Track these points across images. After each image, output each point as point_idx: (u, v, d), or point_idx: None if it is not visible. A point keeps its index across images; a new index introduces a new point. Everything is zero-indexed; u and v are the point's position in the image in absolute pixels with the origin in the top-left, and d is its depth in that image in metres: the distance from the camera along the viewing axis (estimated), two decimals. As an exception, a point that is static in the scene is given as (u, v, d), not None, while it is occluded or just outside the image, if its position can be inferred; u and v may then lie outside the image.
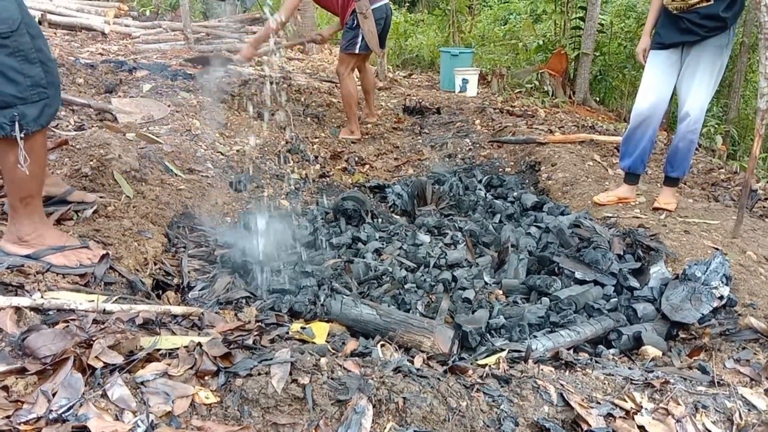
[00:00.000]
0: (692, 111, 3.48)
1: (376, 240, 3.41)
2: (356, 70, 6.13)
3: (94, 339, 1.66)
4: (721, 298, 2.50)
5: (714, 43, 3.34)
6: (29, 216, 2.16)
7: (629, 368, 2.11)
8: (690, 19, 3.33)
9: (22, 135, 1.95)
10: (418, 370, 1.79)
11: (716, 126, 7.80)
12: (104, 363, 1.57)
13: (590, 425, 1.68)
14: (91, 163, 3.13)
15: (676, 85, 3.57)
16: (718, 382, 1.99)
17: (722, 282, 2.54)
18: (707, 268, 2.59)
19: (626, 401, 1.80)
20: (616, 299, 2.73)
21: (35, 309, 1.82)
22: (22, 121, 1.94)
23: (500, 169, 5.28)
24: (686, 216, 3.57)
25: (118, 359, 1.60)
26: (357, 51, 5.58)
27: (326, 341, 2.11)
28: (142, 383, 1.53)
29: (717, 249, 3.03)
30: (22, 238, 2.16)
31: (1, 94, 1.90)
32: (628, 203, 3.87)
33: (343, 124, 6.08)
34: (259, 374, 1.60)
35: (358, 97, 6.01)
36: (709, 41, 3.34)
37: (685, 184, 4.70)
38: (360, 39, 5.52)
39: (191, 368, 1.60)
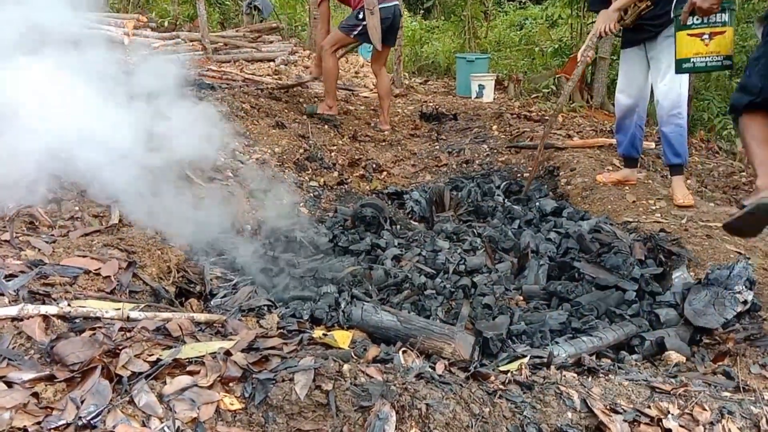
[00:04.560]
0: (663, 98, 3.80)
1: (395, 246, 3.41)
2: (373, 73, 6.54)
3: (120, 347, 1.69)
4: (744, 302, 2.48)
5: (665, 34, 3.67)
6: None
7: (653, 374, 2.09)
8: (640, 23, 3.79)
9: None
10: (440, 376, 1.79)
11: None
12: (131, 371, 1.60)
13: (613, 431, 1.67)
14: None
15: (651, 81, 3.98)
16: (743, 388, 1.97)
17: (746, 286, 2.51)
18: (730, 273, 2.56)
19: (650, 407, 1.78)
20: (638, 305, 2.71)
21: (62, 317, 1.85)
22: None
23: (518, 175, 5.26)
24: (708, 220, 3.53)
25: (144, 367, 1.63)
26: (351, 35, 5.83)
27: (348, 348, 2.12)
28: (168, 390, 1.55)
29: (740, 253, 3.00)
30: None
31: None
32: (628, 184, 4.25)
33: (319, 102, 6.25)
34: (283, 381, 1.61)
35: (338, 75, 6.24)
36: (661, 34, 3.71)
37: (705, 187, 4.66)
38: (360, 28, 5.73)
39: (216, 375, 1.62)
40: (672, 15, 3.47)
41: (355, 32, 5.79)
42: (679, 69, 3.38)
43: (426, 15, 15.62)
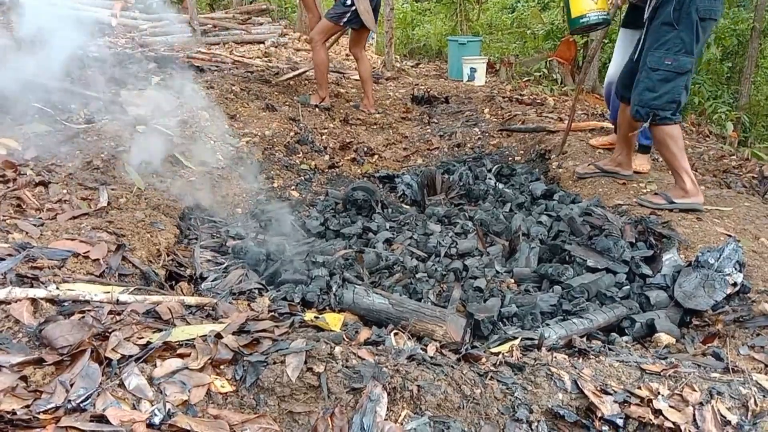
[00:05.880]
0: None
1: (387, 230, 3.41)
2: (353, 58, 6.42)
3: (110, 330, 1.67)
4: (734, 284, 2.49)
5: (663, 20, 3.57)
6: None
7: (643, 355, 2.10)
8: (642, 8, 3.71)
9: None
10: (431, 358, 1.79)
11: (727, 113, 7.72)
12: (121, 354, 1.59)
13: (604, 412, 1.68)
14: (102, 155, 3.15)
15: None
16: (732, 369, 1.98)
17: (735, 269, 2.52)
18: (720, 255, 2.57)
19: (640, 388, 1.79)
20: (628, 287, 2.72)
21: (51, 300, 1.83)
22: None
23: (510, 158, 5.26)
24: (698, 203, 3.54)
25: (134, 349, 1.62)
26: (341, 23, 5.72)
27: (340, 330, 2.12)
28: (158, 373, 1.54)
29: (730, 236, 3.01)
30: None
31: None
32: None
33: (313, 93, 6.16)
34: (275, 363, 1.61)
35: (328, 66, 6.15)
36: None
37: (696, 171, 4.67)
38: (348, 15, 5.63)
39: (207, 357, 1.61)
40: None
41: (345, 19, 5.68)
42: (576, 24, 3.76)
43: (417, -3, 15.50)
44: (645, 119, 3.41)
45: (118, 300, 1.90)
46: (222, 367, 1.62)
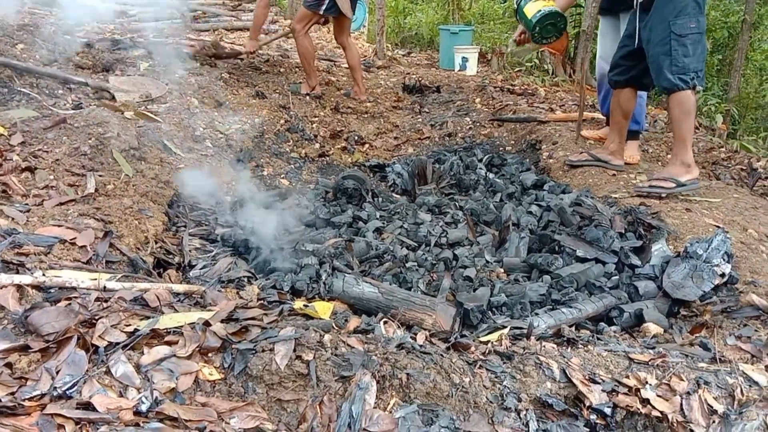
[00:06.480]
0: None
1: (377, 219, 3.40)
2: (340, 47, 6.36)
3: (97, 317, 1.66)
4: (722, 275, 2.50)
5: (635, 11, 3.64)
6: None
7: (631, 345, 2.12)
8: None
9: None
10: (421, 346, 1.79)
11: (717, 105, 7.75)
12: (108, 342, 1.57)
13: (592, 401, 1.69)
14: (90, 141, 3.11)
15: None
16: (719, 359, 1.99)
17: (724, 260, 2.54)
18: (709, 246, 2.58)
19: (628, 377, 1.80)
20: (617, 277, 2.73)
21: (37, 287, 1.81)
22: None
23: (501, 148, 5.26)
24: (687, 194, 3.56)
25: (121, 337, 1.60)
26: (320, 11, 5.62)
27: (329, 318, 2.11)
28: (145, 360, 1.53)
29: (718, 227, 3.02)
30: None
31: None
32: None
33: (303, 80, 6.12)
34: (263, 351, 1.60)
35: (315, 53, 6.13)
36: (631, 11, 3.67)
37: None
38: (326, 2, 5.54)
39: (195, 345, 1.60)
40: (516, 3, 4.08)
41: (323, 6, 5.57)
42: (533, 22, 4.00)
43: (409, -14, 15.41)
44: (692, 85, 3.40)
45: (105, 287, 1.89)
46: (210, 354, 1.61)
